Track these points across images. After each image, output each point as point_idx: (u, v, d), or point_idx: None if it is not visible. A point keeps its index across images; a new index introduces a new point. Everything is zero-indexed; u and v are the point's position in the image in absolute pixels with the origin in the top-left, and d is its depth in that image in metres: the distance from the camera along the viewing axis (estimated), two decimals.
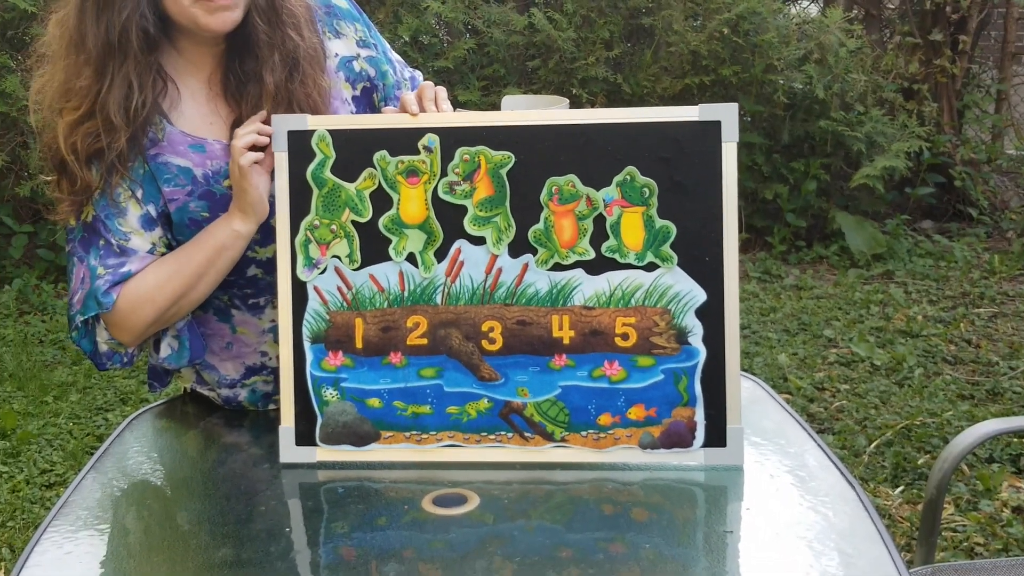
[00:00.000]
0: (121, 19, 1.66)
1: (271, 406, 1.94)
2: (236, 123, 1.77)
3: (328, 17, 1.89)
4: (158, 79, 1.75)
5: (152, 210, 1.78)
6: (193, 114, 1.80)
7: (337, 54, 1.89)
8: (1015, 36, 6.84)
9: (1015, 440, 3.53)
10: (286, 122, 1.70)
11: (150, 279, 1.76)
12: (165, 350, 1.85)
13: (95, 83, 1.70)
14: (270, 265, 1.82)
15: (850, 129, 5.78)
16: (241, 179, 1.71)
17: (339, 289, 1.69)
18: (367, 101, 1.93)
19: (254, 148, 1.71)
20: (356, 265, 1.69)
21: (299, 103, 1.77)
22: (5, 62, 5.32)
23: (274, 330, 1.85)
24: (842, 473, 1.63)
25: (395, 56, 2.01)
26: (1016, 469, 3.44)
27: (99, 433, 3.86)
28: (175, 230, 1.81)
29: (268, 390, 1.94)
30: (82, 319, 1.76)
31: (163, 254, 1.79)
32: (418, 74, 2.05)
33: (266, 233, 1.78)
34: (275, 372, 1.88)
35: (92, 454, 2.00)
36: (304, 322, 1.70)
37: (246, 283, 1.86)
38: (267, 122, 1.72)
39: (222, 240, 1.76)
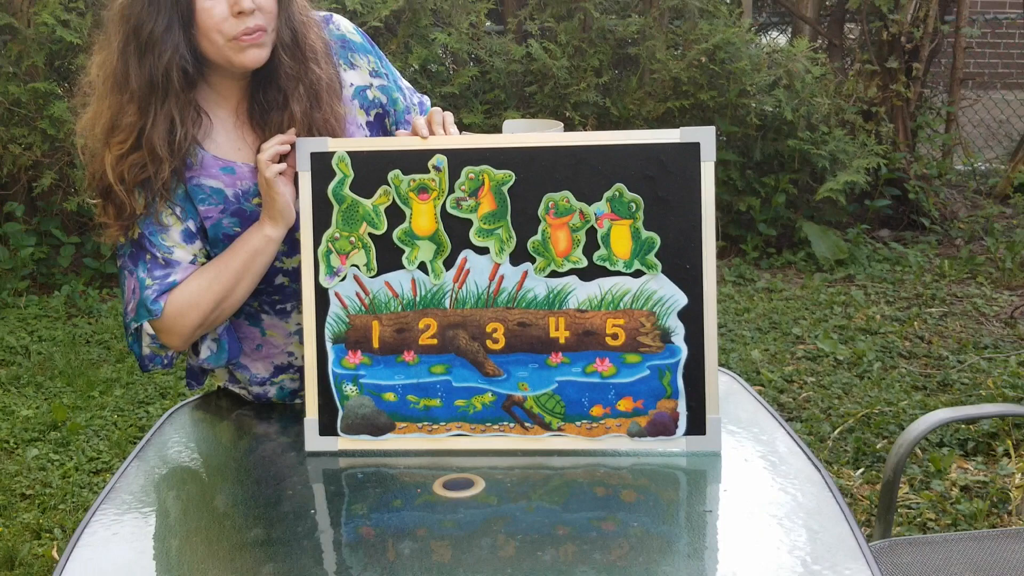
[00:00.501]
0: (163, 62, 1.66)
1: (297, 400, 1.94)
2: (261, 144, 1.77)
3: (343, 50, 1.89)
4: (196, 113, 1.76)
5: (191, 225, 1.78)
6: (223, 141, 1.80)
7: (352, 84, 1.89)
8: (963, 64, 6.85)
9: (963, 427, 3.54)
10: (309, 145, 1.71)
11: (193, 286, 1.76)
12: (205, 352, 1.85)
13: (139, 119, 1.69)
14: (295, 274, 1.82)
15: (815, 147, 5.78)
16: (269, 189, 1.72)
17: (358, 295, 1.70)
18: (380, 125, 1.93)
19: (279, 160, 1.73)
20: (373, 273, 1.70)
21: (318, 129, 1.77)
22: (53, 89, 5.32)
23: (299, 332, 1.85)
24: (809, 457, 1.64)
25: (405, 83, 2.01)
26: (964, 452, 3.44)
27: (141, 424, 3.87)
28: (210, 244, 1.81)
29: (295, 387, 1.94)
30: (135, 326, 1.77)
31: (203, 264, 1.80)
32: (426, 99, 2.06)
33: (291, 245, 1.78)
34: (301, 370, 1.89)
35: (135, 444, 2.00)
36: (326, 325, 1.71)
37: (274, 291, 1.86)
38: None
39: (255, 245, 1.76)
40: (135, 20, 1.66)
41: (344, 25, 1.91)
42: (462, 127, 1.91)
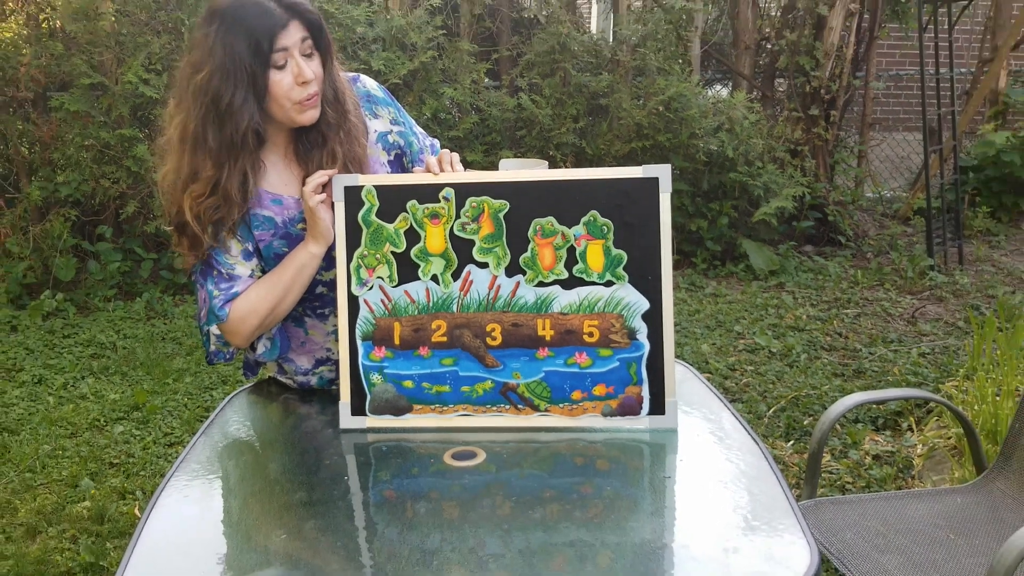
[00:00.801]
0: (241, 128, 1.65)
1: (333, 387, 1.93)
2: (304, 178, 1.77)
3: (368, 104, 1.89)
4: (261, 164, 1.76)
5: (249, 246, 1.78)
6: (274, 178, 1.80)
7: (376, 131, 1.89)
8: (871, 111, 6.87)
9: (874, 407, 3.54)
10: (343, 180, 1.71)
11: (252, 296, 1.76)
12: (261, 348, 1.85)
13: (216, 172, 1.68)
14: (332, 285, 1.82)
15: (752, 179, 5.79)
16: (312, 214, 1.72)
17: (382, 301, 1.70)
18: (399, 164, 1.93)
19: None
20: (394, 283, 1.70)
21: (351, 165, 1.78)
22: (136, 135, 5.32)
23: (335, 332, 1.85)
24: (748, 432, 1.64)
25: (419, 129, 2.01)
26: (875, 428, 3.44)
27: (207, 406, 3.86)
28: (264, 261, 1.81)
29: (332, 376, 1.93)
30: (207, 328, 1.77)
31: (259, 277, 1.79)
32: (436, 142, 2.05)
33: (329, 261, 1.78)
34: (336, 363, 1.88)
35: (202, 422, 1.99)
36: (357, 326, 1.70)
37: (315, 298, 1.86)
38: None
39: (302, 260, 1.76)
40: (213, 93, 1.63)
41: (369, 83, 1.91)
42: (466, 164, 1.91)
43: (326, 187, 1.73)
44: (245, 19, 1.61)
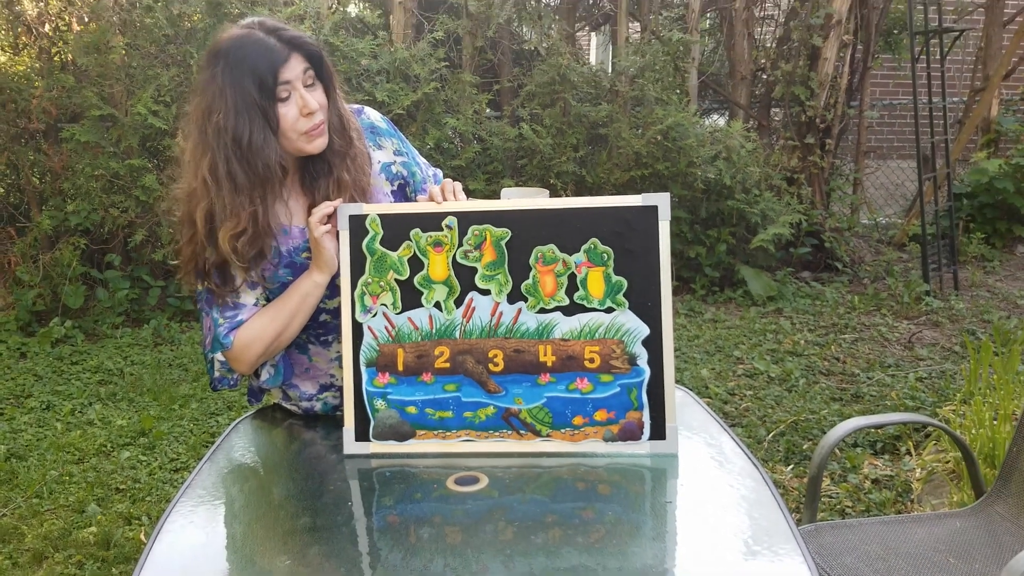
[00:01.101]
0: (272, 163, 1.66)
1: (337, 413, 1.93)
2: (309, 207, 1.77)
3: (372, 135, 1.90)
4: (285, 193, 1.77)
5: (254, 275, 1.78)
6: (280, 208, 1.80)
7: (379, 161, 1.89)
8: (865, 139, 6.91)
9: (873, 431, 3.52)
10: (348, 209, 1.71)
11: (256, 324, 1.76)
12: (265, 375, 1.85)
13: (253, 207, 1.68)
14: (336, 312, 1.82)
15: (749, 206, 5.81)
16: (317, 244, 1.72)
17: (386, 328, 1.69)
18: (402, 193, 1.94)
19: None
20: (398, 310, 1.69)
21: (357, 193, 1.78)
22: (144, 165, 5.35)
23: (339, 359, 1.85)
24: (748, 457, 1.63)
25: (422, 159, 2.02)
26: (874, 452, 3.43)
27: (212, 431, 3.85)
28: (268, 291, 1.81)
29: (336, 402, 1.93)
30: (211, 356, 1.77)
31: (263, 305, 1.79)
32: (439, 171, 2.06)
33: (332, 289, 1.78)
34: (340, 389, 1.88)
35: (208, 447, 1.98)
36: (361, 352, 1.70)
37: (319, 326, 1.85)
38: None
39: (306, 289, 1.76)
40: (232, 133, 1.63)
41: (373, 115, 1.92)
42: (468, 193, 1.91)
43: (331, 217, 1.74)
44: (247, 58, 1.62)
